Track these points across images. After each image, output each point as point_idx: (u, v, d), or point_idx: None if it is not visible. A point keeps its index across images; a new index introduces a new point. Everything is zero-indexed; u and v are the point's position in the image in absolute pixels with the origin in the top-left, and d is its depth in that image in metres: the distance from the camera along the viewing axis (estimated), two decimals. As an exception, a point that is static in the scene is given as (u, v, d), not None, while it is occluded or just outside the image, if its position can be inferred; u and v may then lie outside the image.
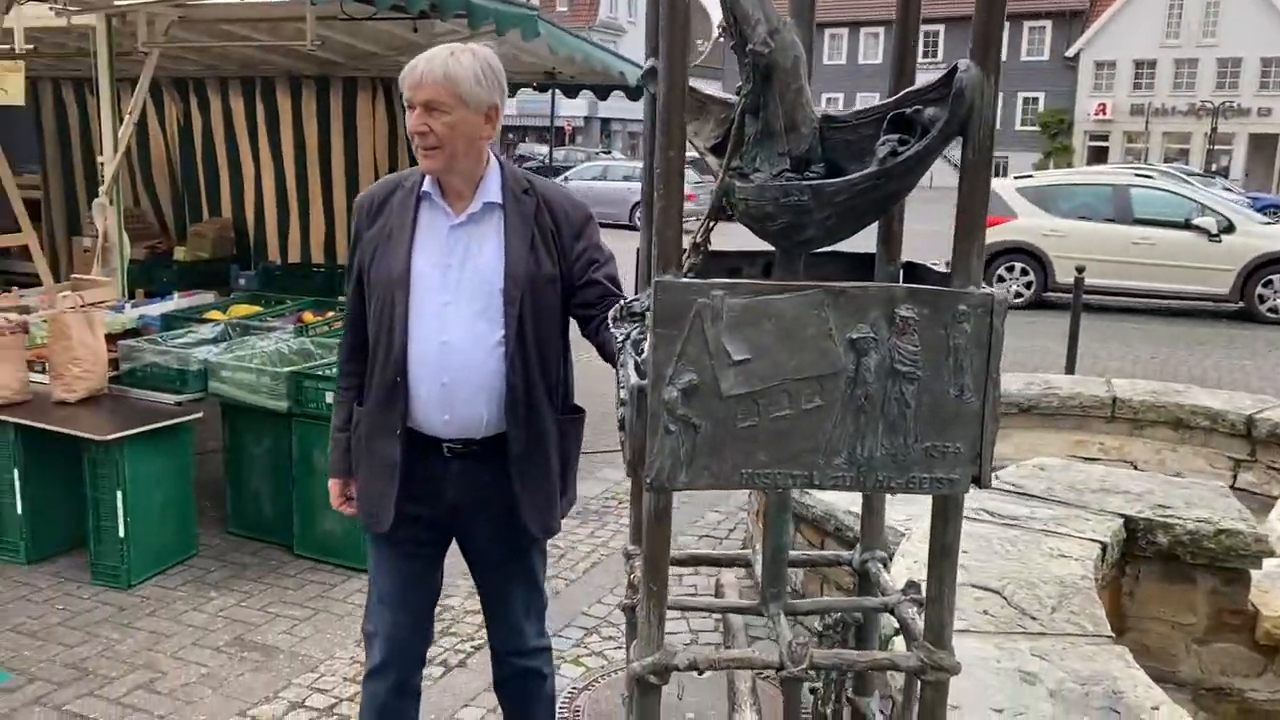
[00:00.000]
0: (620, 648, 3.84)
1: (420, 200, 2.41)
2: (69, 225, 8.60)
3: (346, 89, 7.46)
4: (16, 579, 4.29)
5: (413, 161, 7.29)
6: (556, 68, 6.61)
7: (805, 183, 1.68)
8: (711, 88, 2.03)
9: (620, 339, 1.88)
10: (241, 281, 7.59)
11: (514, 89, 7.60)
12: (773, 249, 1.85)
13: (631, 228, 22.68)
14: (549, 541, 2.65)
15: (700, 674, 1.89)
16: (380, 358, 2.43)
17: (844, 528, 3.72)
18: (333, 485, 2.65)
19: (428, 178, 2.41)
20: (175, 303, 5.99)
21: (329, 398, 4.40)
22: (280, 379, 4.45)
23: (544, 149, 42.05)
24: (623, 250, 14.82)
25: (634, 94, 6.77)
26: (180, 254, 7.97)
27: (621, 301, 2.01)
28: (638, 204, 22.98)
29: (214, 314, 5.64)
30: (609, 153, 37.09)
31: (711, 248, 1.81)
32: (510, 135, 49.76)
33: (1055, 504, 3.16)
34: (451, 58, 2.28)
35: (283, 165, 7.76)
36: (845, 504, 3.73)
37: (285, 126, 7.69)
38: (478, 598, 2.74)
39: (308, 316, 5.68)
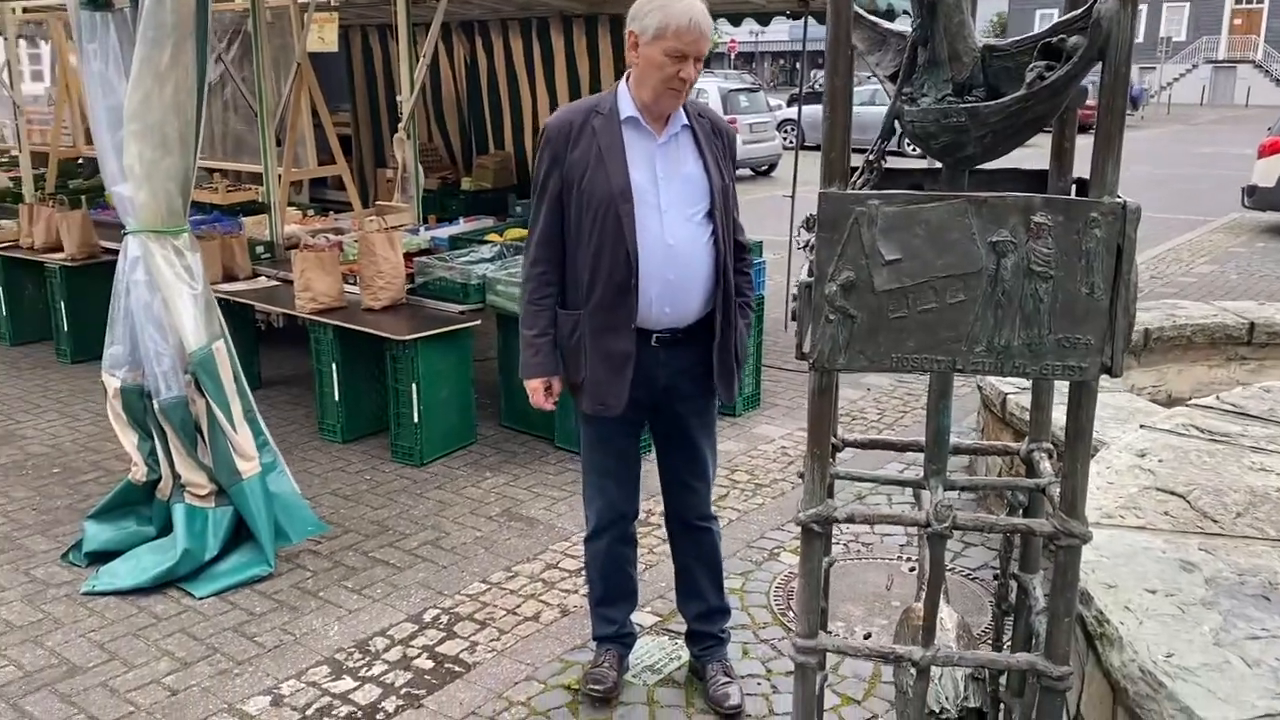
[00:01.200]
0: (838, 542, 4.16)
1: (624, 124, 2.76)
2: (375, 157, 9.69)
3: (614, 25, 7.93)
4: (334, 454, 5.16)
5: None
6: (810, -6, 6.76)
7: (962, 105, 1.90)
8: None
9: (800, 244, 2.19)
10: (518, 209, 8.34)
11: (767, 18, 7.82)
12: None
13: (900, 153, 22.14)
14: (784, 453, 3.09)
15: (856, 525, 2.19)
16: (606, 262, 2.76)
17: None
18: (536, 384, 2.95)
19: (628, 103, 2.77)
20: (460, 227, 6.76)
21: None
22: (545, 292, 5.02)
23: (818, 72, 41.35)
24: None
25: (890, 18, 6.80)
26: (466, 184, 8.84)
27: (809, 215, 2.30)
28: (904, 130, 22.12)
29: (493, 236, 6.34)
30: (870, 77, 35.76)
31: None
32: (781, 60, 49.15)
33: (1273, 424, 3.15)
34: (703, 6, 2.66)
35: (557, 100, 8.39)
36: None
37: (559, 63, 8.29)
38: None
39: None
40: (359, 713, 3.09)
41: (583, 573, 3.91)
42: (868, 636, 3.45)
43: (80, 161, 9.24)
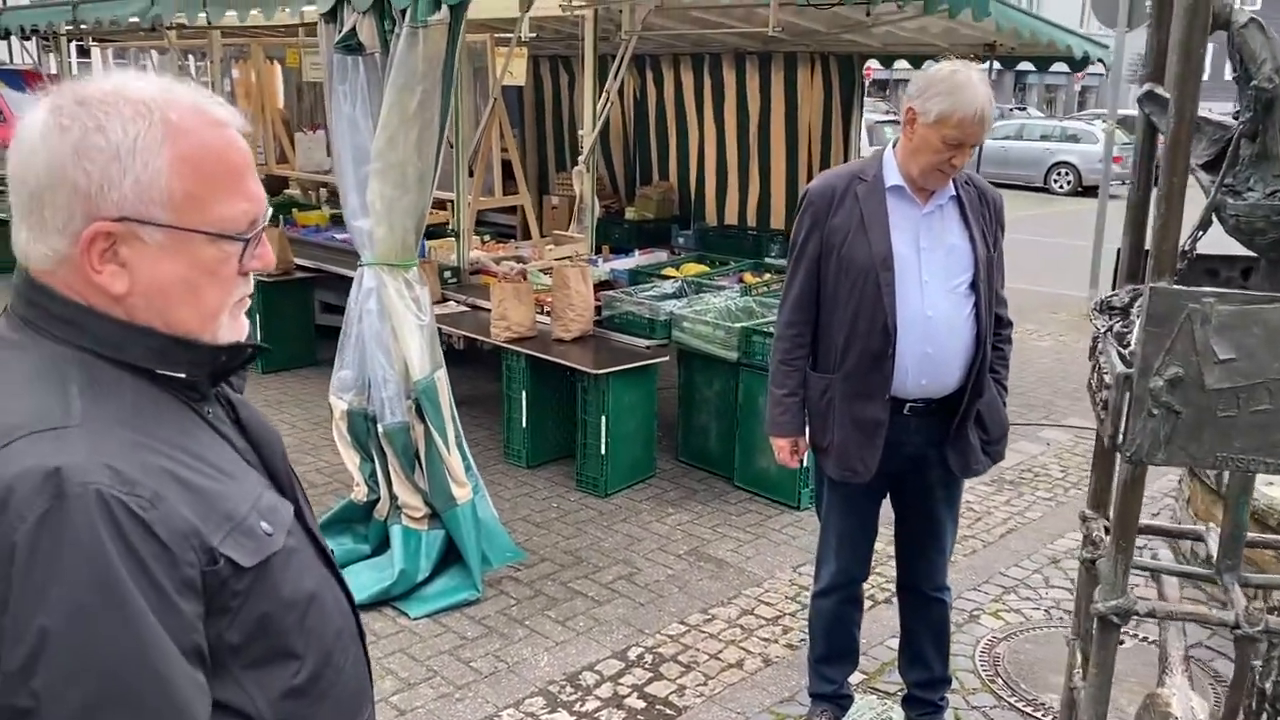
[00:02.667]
0: (1037, 608, 4.08)
1: (888, 192, 2.78)
2: (539, 185, 9.94)
3: (788, 63, 7.98)
4: (520, 479, 5.31)
5: (845, 130, 7.62)
6: (998, 40, 6.68)
7: (1301, 203, 1.87)
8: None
9: (1101, 329, 2.17)
10: (680, 240, 8.45)
11: (890, 60, 7.76)
12: (1248, 254, 2.05)
13: (1046, 190, 21.59)
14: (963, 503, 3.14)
15: (1158, 621, 2.16)
16: (862, 329, 2.79)
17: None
18: (783, 443, 3.01)
19: (893, 172, 2.79)
20: (636, 259, 6.88)
21: (775, 352, 4.97)
22: (733, 333, 5.09)
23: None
24: (1037, 217, 14.25)
25: (1077, 66, 6.68)
26: (629, 213, 8.99)
27: (1102, 296, 2.28)
28: (1055, 166, 21.40)
29: (670, 271, 6.44)
30: (1023, 109, 35.06)
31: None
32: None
33: None
34: (989, 90, 2.65)
35: (724, 134, 8.48)
36: (1291, 500, 3.69)
37: (729, 98, 8.38)
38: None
39: (748, 277, 6.31)
40: (579, 748, 3.18)
41: (780, 621, 3.94)
42: (1083, 711, 3.37)
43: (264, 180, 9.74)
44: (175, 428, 1.12)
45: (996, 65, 7.20)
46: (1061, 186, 21.89)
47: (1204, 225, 2.03)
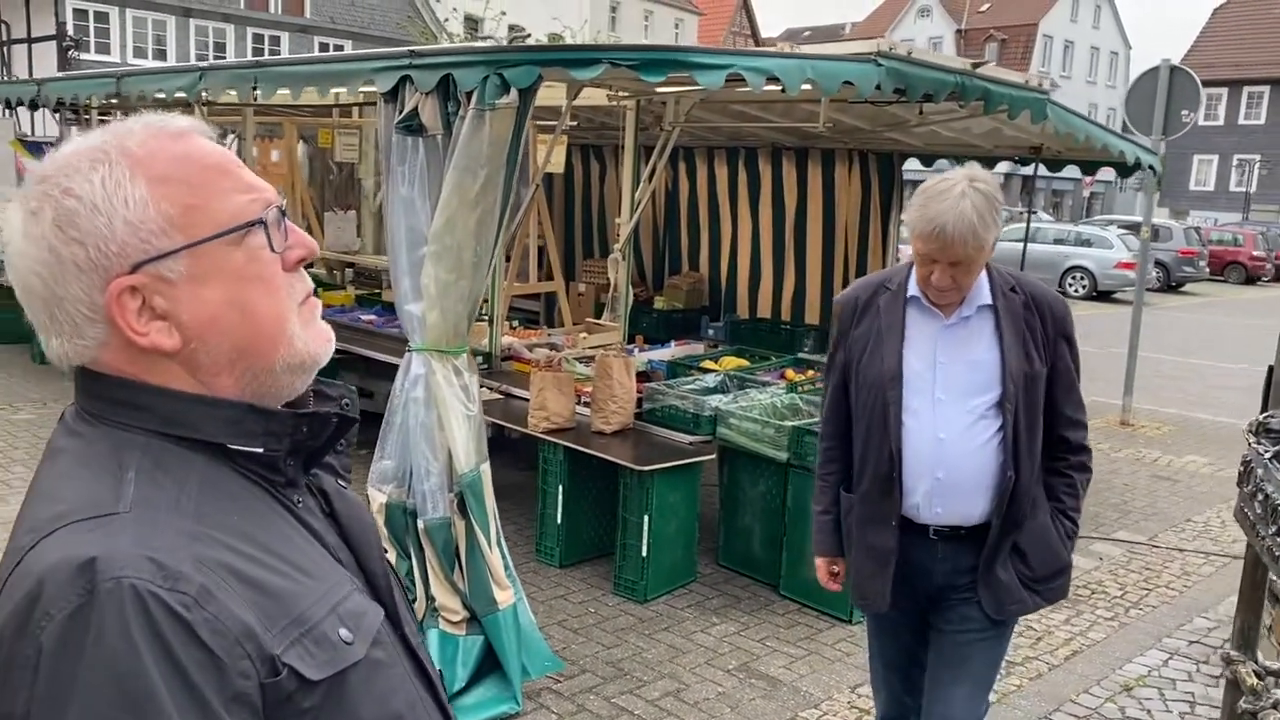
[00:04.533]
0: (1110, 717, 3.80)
1: (908, 302, 2.56)
2: (565, 271, 9.84)
3: (825, 159, 7.94)
4: (554, 579, 5.04)
5: (883, 228, 7.57)
6: (1045, 143, 6.63)
7: None
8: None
9: (1265, 454, 1.96)
10: (710, 331, 8.31)
11: (992, 162, 7.70)
12: None
13: (1061, 294, 21.51)
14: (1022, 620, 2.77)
15: None
16: (873, 451, 2.58)
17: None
18: (821, 563, 2.83)
19: (915, 282, 2.54)
20: (673, 350, 6.71)
21: (827, 454, 4.76)
22: (784, 431, 4.88)
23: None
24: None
25: (1127, 172, 6.61)
26: (659, 303, 8.87)
27: (1258, 418, 2.08)
28: (1069, 270, 21.55)
29: (708, 364, 6.26)
30: (1034, 212, 35.48)
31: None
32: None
33: None
34: (968, 206, 2.34)
35: (759, 227, 8.41)
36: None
37: (765, 192, 8.33)
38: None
39: (790, 374, 6.13)
40: None
41: (842, 748, 3.65)
42: None
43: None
44: (248, 516, 0.98)
45: (1036, 168, 7.14)
46: (1077, 291, 21.92)
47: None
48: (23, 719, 0.84)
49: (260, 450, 1.00)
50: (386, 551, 1.18)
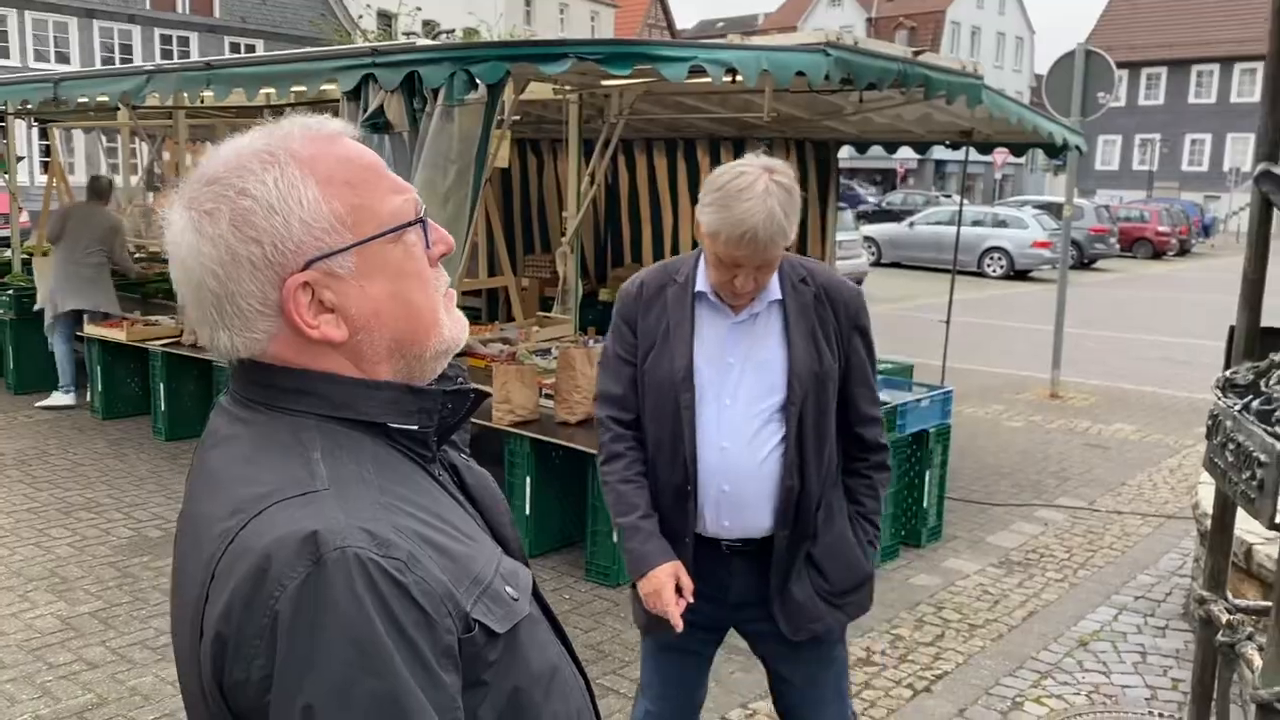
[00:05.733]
0: (1078, 693, 4.00)
1: (696, 298, 2.32)
2: (510, 266, 9.87)
3: (765, 150, 8.10)
4: (525, 569, 5.10)
5: (822, 215, 7.74)
6: (976, 127, 6.87)
7: None
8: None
9: (1233, 407, 2.13)
10: (657, 321, 8.42)
11: (925, 147, 7.94)
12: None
13: (980, 274, 22.22)
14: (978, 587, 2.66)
15: None
16: (665, 460, 2.33)
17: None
18: (667, 582, 2.26)
19: (703, 275, 2.30)
20: (625, 340, 6.80)
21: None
22: (746, 415, 5.01)
23: (870, 189, 42.18)
24: (976, 300, 14.65)
25: (1055, 153, 6.88)
26: (604, 295, 8.95)
27: (1224, 375, 2.25)
28: (988, 251, 22.10)
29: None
30: (949, 196, 36.39)
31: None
32: (844, 179, 49.96)
33: None
34: (775, 205, 2.14)
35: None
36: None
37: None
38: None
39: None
40: None
41: (825, 713, 3.78)
42: (1153, 802, 3.28)
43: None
44: (415, 489, 1.06)
45: (967, 152, 7.39)
46: (995, 271, 22.57)
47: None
48: (261, 682, 0.90)
49: (415, 428, 1.07)
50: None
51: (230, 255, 1.00)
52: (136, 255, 10.81)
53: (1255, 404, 2.10)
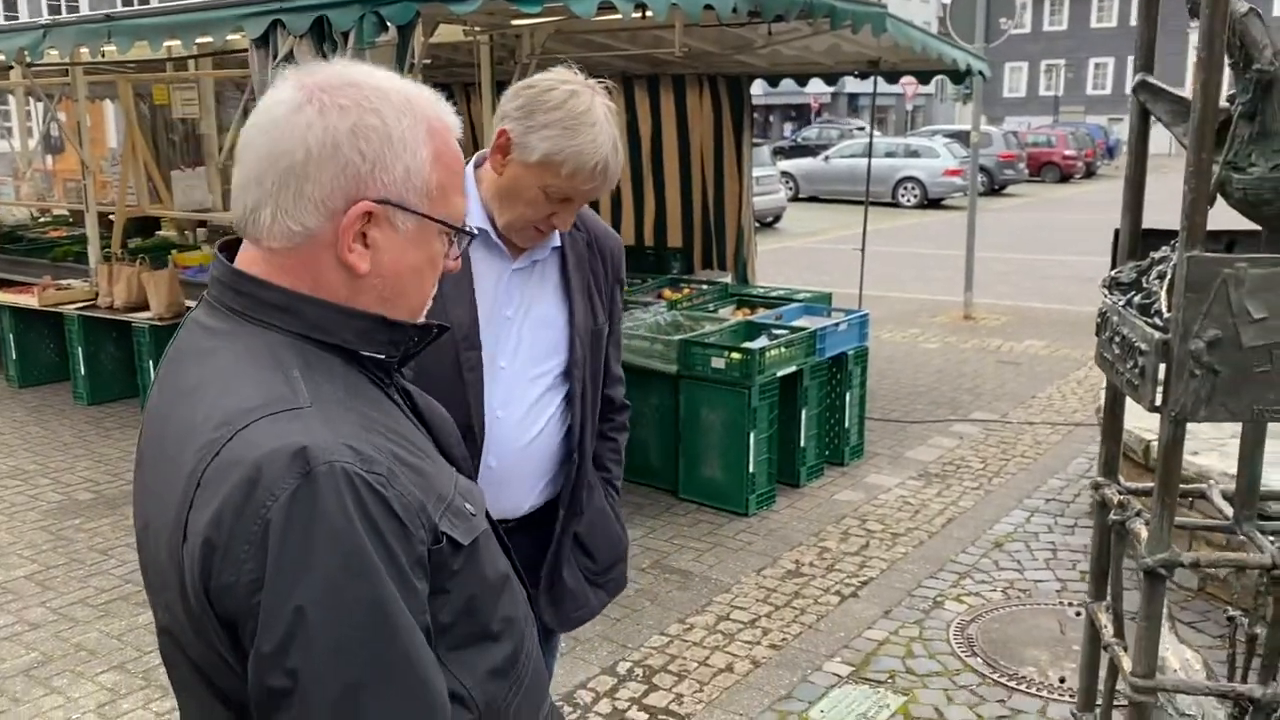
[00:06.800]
0: (994, 589, 4.26)
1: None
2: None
3: (676, 86, 8.15)
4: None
5: (738, 150, 7.84)
6: (882, 56, 7.00)
7: (1304, 174, 2.05)
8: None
9: (1118, 303, 2.30)
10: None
11: (834, 78, 8.07)
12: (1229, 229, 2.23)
13: (895, 204, 22.59)
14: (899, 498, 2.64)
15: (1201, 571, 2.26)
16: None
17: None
18: None
19: (478, 209, 1.95)
20: (549, 281, 6.86)
21: (713, 362, 5.05)
22: (672, 345, 5.14)
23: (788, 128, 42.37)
24: (892, 230, 15.05)
25: (960, 79, 7.05)
26: (525, 238, 8.96)
27: (1109, 274, 2.42)
28: (901, 181, 22.45)
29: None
30: (862, 129, 36.77)
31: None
32: (761, 116, 50.10)
33: None
34: (614, 130, 1.95)
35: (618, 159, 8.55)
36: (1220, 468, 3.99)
37: (619, 122, 8.47)
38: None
39: (667, 293, 6.39)
40: (595, 765, 3.14)
41: (757, 624, 4.00)
42: (1062, 680, 3.54)
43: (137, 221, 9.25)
44: (381, 410, 1.13)
45: (876, 82, 7.53)
46: (909, 200, 22.97)
47: (1211, 200, 2.20)
48: (250, 585, 0.97)
49: (383, 356, 1.16)
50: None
51: (333, 147, 1.05)
52: (40, 219, 10.53)
53: (1137, 299, 2.27)
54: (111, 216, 8.31)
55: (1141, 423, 4.45)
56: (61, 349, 7.44)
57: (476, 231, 1.23)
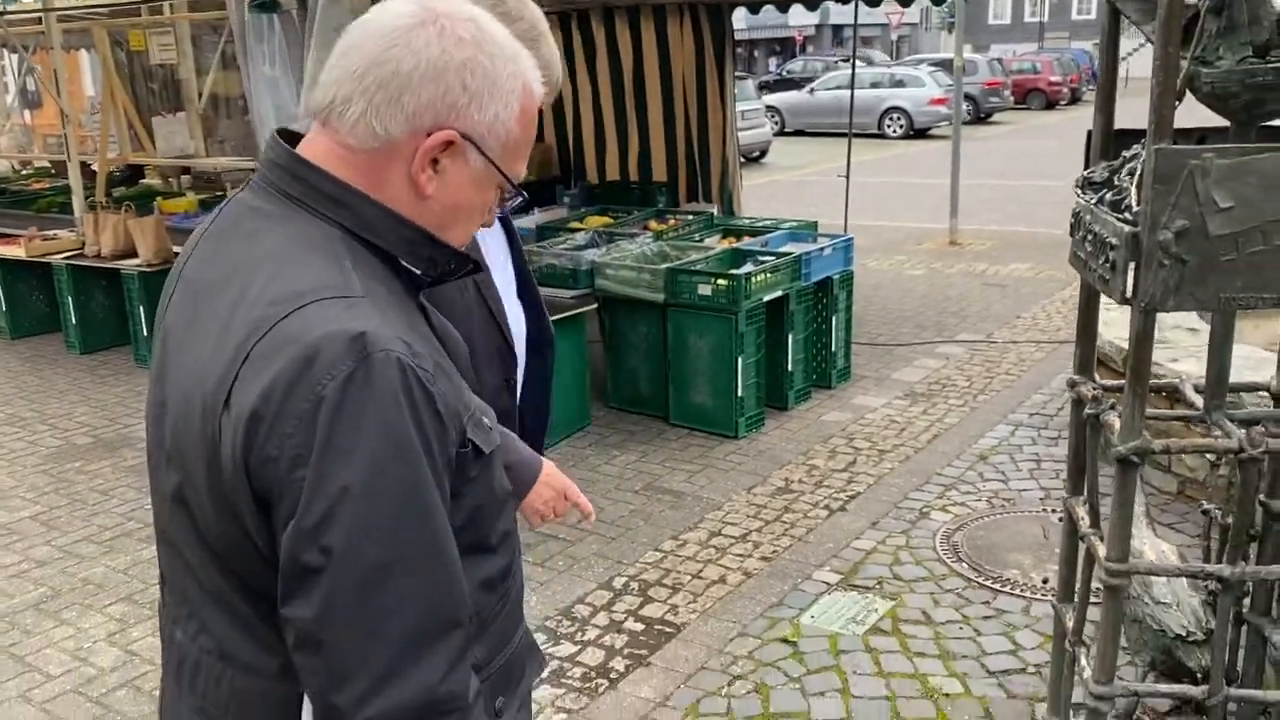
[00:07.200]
0: (979, 499, 4.36)
1: None
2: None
3: (657, 16, 8.08)
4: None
5: (720, 82, 7.76)
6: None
7: (1269, 65, 2.09)
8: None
9: (1090, 202, 2.35)
10: (566, 199, 8.47)
11: (815, 3, 8.01)
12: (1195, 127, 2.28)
13: (881, 135, 22.47)
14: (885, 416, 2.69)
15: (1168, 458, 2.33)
16: None
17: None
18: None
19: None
20: (536, 217, 6.87)
21: (700, 290, 5.11)
22: (659, 274, 5.19)
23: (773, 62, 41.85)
24: (879, 160, 15.00)
25: (938, 1, 7.02)
26: (510, 176, 8.93)
27: (1081, 174, 2.46)
28: (887, 111, 22.24)
29: (575, 224, 6.47)
30: (848, 60, 36.36)
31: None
32: (745, 51, 49.44)
33: None
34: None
35: (599, 91, 8.51)
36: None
37: (600, 55, 8.42)
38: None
39: (653, 225, 6.42)
40: (594, 672, 3.25)
41: (748, 538, 4.11)
42: (1045, 581, 3.65)
43: (121, 169, 9.20)
44: (417, 319, 1.18)
45: (856, 6, 7.49)
46: (895, 131, 22.85)
47: (1180, 95, 2.24)
48: (293, 460, 0.99)
49: (420, 272, 1.20)
50: None
51: (441, 69, 1.10)
52: (23, 172, 10.45)
53: (1109, 196, 2.32)
54: (94, 166, 8.28)
55: (1120, 333, 4.53)
56: (51, 300, 7.44)
57: (526, 196, 1.30)
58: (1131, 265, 2.09)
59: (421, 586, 1.04)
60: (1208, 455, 3.31)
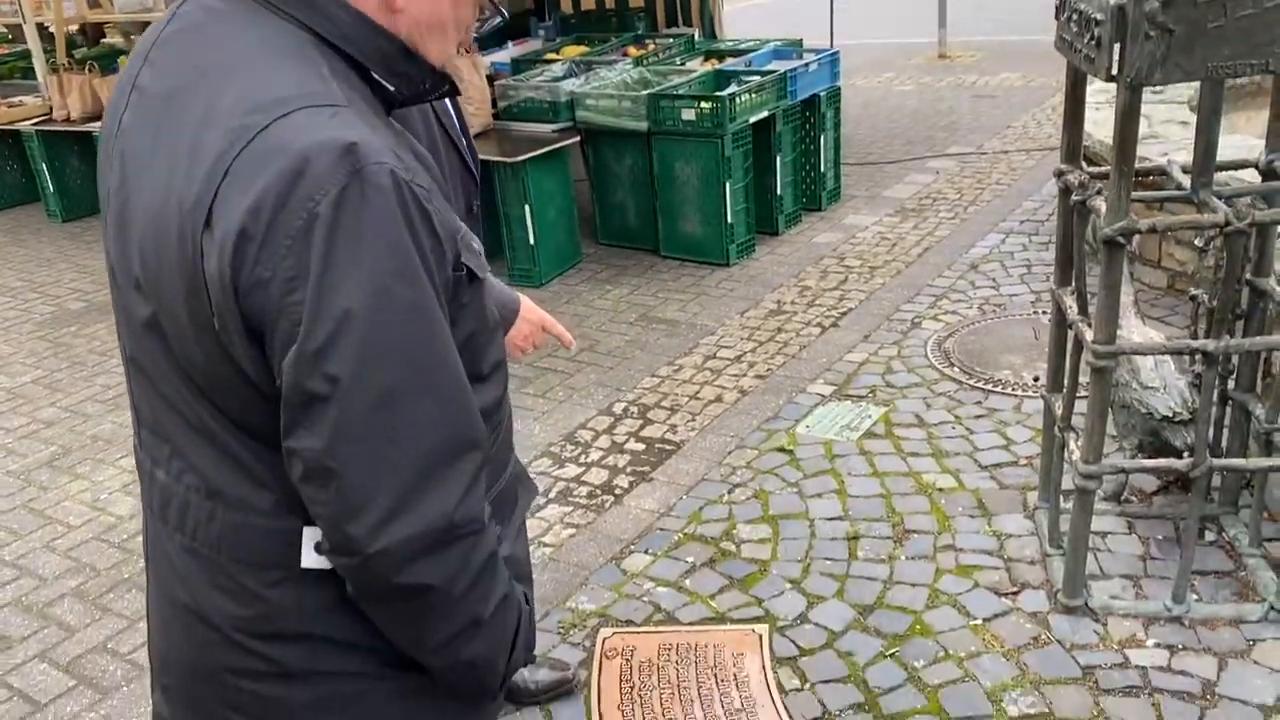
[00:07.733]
0: (970, 307, 4.39)
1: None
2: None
3: None
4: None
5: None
6: None
7: None
8: None
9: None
10: (541, 32, 8.19)
11: None
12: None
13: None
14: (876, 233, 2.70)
15: (1158, 235, 2.31)
16: None
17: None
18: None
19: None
20: (511, 50, 6.66)
21: (684, 115, 5.00)
22: (641, 101, 5.07)
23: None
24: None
25: None
26: (482, 13, 8.61)
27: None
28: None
29: (551, 55, 6.28)
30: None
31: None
32: None
33: None
34: None
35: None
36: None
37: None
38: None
39: (632, 51, 6.22)
40: (599, 490, 3.34)
41: (743, 359, 4.15)
42: (1036, 379, 3.71)
43: (80, 30, 8.86)
44: (396, 133, 1.09)
45: None
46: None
47: None
48: (287, 282, 0.92)
49: (392, 89, 1.11)
50: None
51: None
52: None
53: (1093, -27, 2.24)
54: (52, 29, 7.97)
55: (1110, 131, 4.45)
56: (26, 169, 7.31)
57: (506, 16, 1.22)
58: (1117, 44, 2.05)
59: (433, 409, 1.00)
60: (1196, 242, 3.31)
